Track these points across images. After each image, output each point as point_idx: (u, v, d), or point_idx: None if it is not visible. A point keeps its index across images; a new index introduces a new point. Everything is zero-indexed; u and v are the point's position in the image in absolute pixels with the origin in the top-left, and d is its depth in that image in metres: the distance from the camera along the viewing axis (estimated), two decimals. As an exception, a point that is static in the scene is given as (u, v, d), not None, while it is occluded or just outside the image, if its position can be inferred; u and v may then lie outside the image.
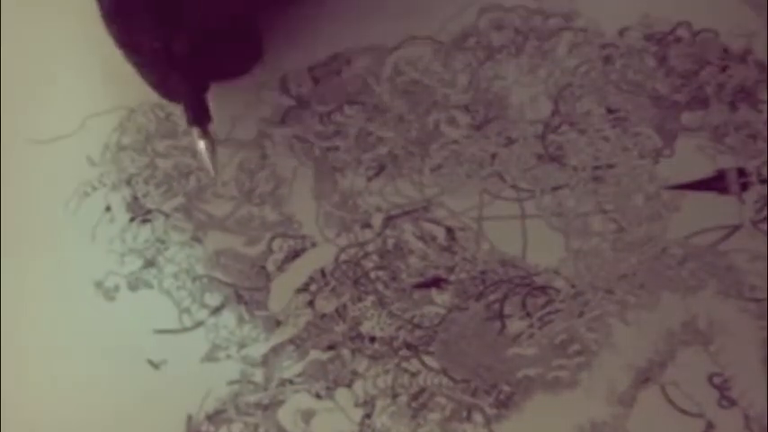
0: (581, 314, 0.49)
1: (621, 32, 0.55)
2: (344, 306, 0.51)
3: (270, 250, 0.53)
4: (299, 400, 0.50)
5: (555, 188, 0.52)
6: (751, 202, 0.50)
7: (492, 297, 0.50)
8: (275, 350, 0.51)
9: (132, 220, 0.55)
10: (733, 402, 0.47)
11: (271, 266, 0.52)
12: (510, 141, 0.53)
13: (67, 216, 0.55)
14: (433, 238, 0.52)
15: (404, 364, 0.50)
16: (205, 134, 0.50)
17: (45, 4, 0.61)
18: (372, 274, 0.52)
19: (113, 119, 0.57)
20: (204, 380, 0.50)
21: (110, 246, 0.54)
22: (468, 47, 0.56)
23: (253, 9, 0.53)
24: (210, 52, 0.51)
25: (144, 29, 0.49)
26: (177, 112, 0.56)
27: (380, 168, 0.54)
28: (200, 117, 0.51)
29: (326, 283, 0.52)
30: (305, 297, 0.52)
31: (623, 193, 0.52)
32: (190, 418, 0.50)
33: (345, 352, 0.50)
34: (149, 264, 0.54)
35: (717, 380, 0.47)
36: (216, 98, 0.53)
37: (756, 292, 0.48)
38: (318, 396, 0.50)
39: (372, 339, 0.50)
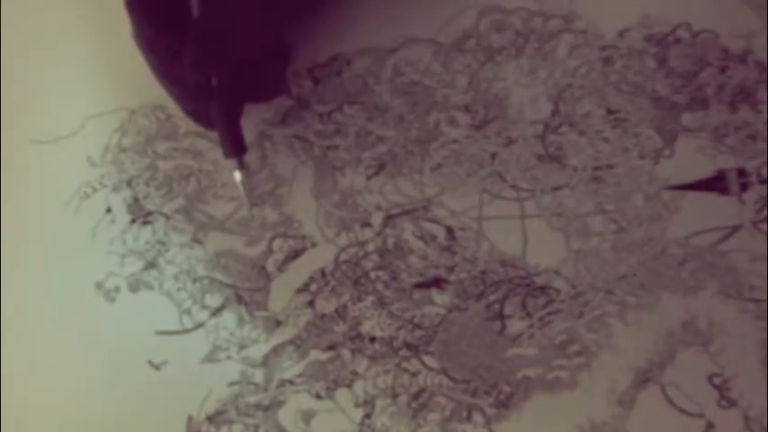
0: (581, 314, 0.49)
1: (621, 34, 0.55)
2: (344, 306, 0.51)
3: (270, 250, 0.53)
4: (300, 400, 0.50)
5: (555, 188, 0.52)
6: (751, 203, 0.50)
7: (492, 297, 0.50)
8: (275, 351, 0.51)
9: (133, 221, 0.55)
10: (733, 402, 0.47)
11: (271, 267, 0.52)
12: (510, 141, 0.53)
13: (68, 217, 0.55)
14: (433, 238, 0.52)
15: (404, 365, 0.50)
16: (241, 165, 0.51)
17: (45, 4, 0.61)
18: (372, 274, 0.52)
19: (114, 120, 0.57)
20: (205, 381, 0.50)
21: (110, 247, 0.54)
22: (467, 48, 0.56)
23: (280, 37, 0.53)
24: (244, 81, 0.52)
25: (185, 62, 0.50)
26: (178, 113, 0.56)
27: (380, 167, 0.54)
28: (236, 148, 0.51)
29: (326, 283, 0.52)
30: (305, 297, 0.52)
31: (623, 194, 0.52)
32: (190, 418, 0.50)
33: (345, 352, 0.50)
34: (150, 265, 0.54)
35: (717, 380, 0.47)
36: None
37: (756, 292, 0.48)
38: (319, 396, 0.50)
39: (372, 339, 0.50)
